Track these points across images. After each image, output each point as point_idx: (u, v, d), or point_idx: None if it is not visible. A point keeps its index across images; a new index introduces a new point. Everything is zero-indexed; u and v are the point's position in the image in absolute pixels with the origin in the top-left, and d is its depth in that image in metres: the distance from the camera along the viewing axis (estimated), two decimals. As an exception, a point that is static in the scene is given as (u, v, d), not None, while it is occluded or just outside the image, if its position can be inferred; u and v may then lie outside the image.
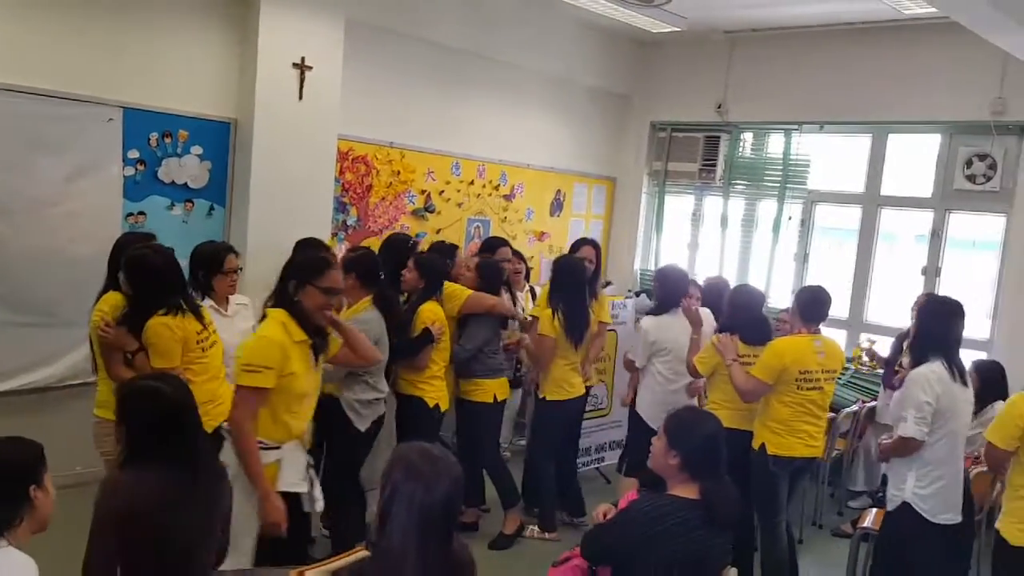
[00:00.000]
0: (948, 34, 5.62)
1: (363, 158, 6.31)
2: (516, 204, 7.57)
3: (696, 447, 2.75)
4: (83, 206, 4.91)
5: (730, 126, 7.93)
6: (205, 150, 5.38)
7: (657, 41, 7.92)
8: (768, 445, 4.39)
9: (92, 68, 4.90)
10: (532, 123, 7.60)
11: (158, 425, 2.58)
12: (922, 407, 3.79)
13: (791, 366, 4.31)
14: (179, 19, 5.21)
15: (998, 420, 3.68)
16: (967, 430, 4.03)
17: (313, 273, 3.37)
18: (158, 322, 3.65)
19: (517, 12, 6.92)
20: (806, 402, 4.37)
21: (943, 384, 3.83)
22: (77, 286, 4.78)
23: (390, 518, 2.06)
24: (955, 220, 6.91)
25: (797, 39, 7.27)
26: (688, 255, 8.49)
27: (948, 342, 3.92)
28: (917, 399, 3.81)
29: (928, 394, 3.79)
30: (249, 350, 3.25)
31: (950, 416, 3.85)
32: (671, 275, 5.21)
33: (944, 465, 3.88)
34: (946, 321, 3.96)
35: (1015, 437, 3.57)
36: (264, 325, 3.35)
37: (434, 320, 4.64)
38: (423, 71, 6.62)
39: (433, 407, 4.71)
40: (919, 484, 3.89)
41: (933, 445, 3.86)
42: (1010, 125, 6.37)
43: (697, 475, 2.74)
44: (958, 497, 3.95)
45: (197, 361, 3.78)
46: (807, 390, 4.36)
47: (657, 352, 5.02)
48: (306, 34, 5.53)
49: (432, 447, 2.20)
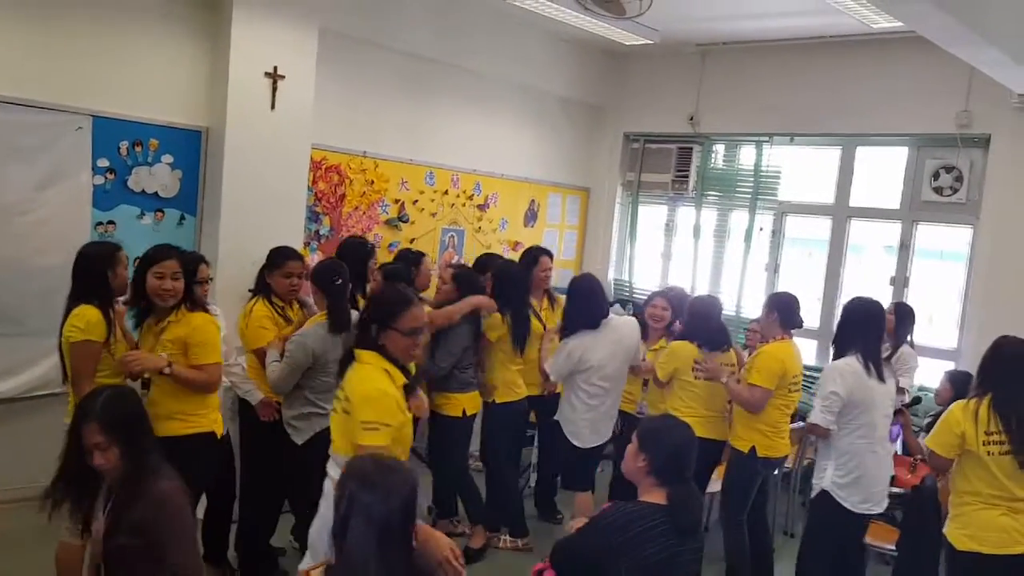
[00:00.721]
0: (915, 48, 5.70)
1: (336, 167, 6.30)
2: (490, 214, 7.58)
3: (664, 452, 2.78)
4: (52, 215, 4.86)
5: (702, 137, 8.00)
6: (176, 159, 5.34)
7: (630, 53, 7.98)
8: (759, 448, 4.53)
9: (61, 76, 4.85)
10: (506, 133, 7.62)
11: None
12: (828, 397, 4.07)
13: (788, 371, 4.50)
14: (150, 27, 5.18)
15: (937, 428, 3.79)
16: (887, 423, 4.23)
17: (391, 317, 3.18)
18: (205, 319, 3.78)
19: (491, 23, 6.94)
20: (791, 403, 4.60)
21: (856, 378, 4.07)
22: (45, 295, 4.72)
23: (349, 530, 2.07)
24: (922, 231, 7.00)
25: (768, 52, 7.35)
26: (661, 265, 8.54)
27: (866, 339, 4.15)
28: (825, 390, 4.10)
29: (836, 386, 4.07)
30: (370, 406, 3.01)
31: (864, 409, 4.10)
32: (583, 291, 4.93)
33: (860, 456, 4.12)
34: (865, 319, 4.19)
35: (954, 445, 3.68)
36: (369, 375, 3.11)
37: None
38: (397, 81, 6.62)
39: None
40: (837, 473, 4.13)
41: (848, 436, 4.12)
42: (976, 138, 6.47)
43: (664, 480, 2.76)
44: (878, 489, 4.18)
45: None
46: (793, 392, 4.59)
47: (580, 369, 4.81)
48: (278, 43, 5.50)
49: (386, 457, 2.24)
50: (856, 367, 4.10)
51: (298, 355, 4.13)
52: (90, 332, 3.70)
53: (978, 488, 3.65)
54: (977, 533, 3.64)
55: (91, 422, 2.68)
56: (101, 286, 3.81)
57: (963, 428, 3.65)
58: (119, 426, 2.70)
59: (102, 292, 3.81)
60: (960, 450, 3.67)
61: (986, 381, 3.73)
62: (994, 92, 6.00)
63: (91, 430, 2.68)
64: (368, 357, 3.16)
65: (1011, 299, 6.18)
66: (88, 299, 3.76)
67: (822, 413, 4.10)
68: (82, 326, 3.70)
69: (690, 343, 4.79)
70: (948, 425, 3.71)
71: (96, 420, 2.68)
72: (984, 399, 3.67)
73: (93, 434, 2.67)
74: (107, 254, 3.89)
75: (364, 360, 3.15)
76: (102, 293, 3.81)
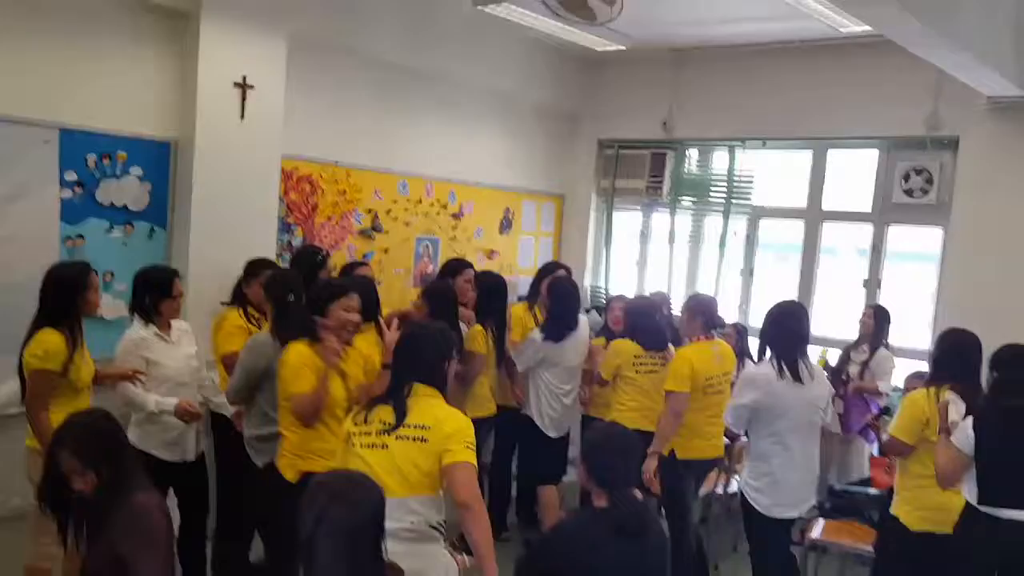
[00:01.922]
0: (883, 52, 5.74)
1: (308, 177, 6.25)
2: (465, 222, 7.56)
3: (602, 460, 2.89)
4: (18, 230, 4.76)
5: (676, 143, 8.02)
6: (145, 171, 5.27)
7: (603, 59, 7.99)
8: (677, 450, 4.69)
9: (26, 89, 4.77)
10: (480, 141, 7.61)
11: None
12: (737, 408, 4.25)
13: (698, 373, 4.61)
14: (116, 38, 5.11)
15: (902, 416, 3.96)
16: (808, 426, 4.27)
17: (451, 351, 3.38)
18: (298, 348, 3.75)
19: (462, 30, 6.93)
20: (711, 406, 4.67)
21: (768, 386, 4.15)
22: (12, 313, 4.61)
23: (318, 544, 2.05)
24: (894, 233, 7.05)
25: (739, 57, 7.39)
26: (637, 271, 8.55)
27: (788, 341, 4.23)
28: (734, 401, 4.30)
29: (744, 398, 4.22)
30: (468, 428, 3.06)
31: (775, 416, 4.18)
32: (567, 293, 5.42)
33: (771, 461, 4.20)
34: (783, 322, 4.28)
35: (917, 432, 3.86)
36: (449, 408, 3.17)
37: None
38: (368, 89, 6.59)
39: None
40: (750, 476, 4.30)
41: (759, 442, 4.25)
42: (945, 140, 6.53)
43: (603, 485, 2.85)
44: (795, 494, 4.25)
45: None
46: (711, 395, 4.67)
47: (545, 364, 5.30)
48: (247, 53, 5.46)
49: (351, 471, 2.25)
50: (768, 373, 4.19)
51: (247, 359, 4.04)
52: (47, 360, 3.67)
53: (933, 471, 3.76)
54: (931, 515, 3.84)
55: (64, 449, 2.69)
56: (68, 309, 3.76)
57: (926, 416, 3.82)
58: (94, 451, 2.69)
59: (69, 316, 3.76)
60: (921, 436, 3.85)
61: (942, 371, 3.94)
62: (962, 94, 6.06)
63: (65, 457, 2.68)
64: (431, 391, 3.14)
65: (982, 300, 6.23)
66: (54, 322, 3.71)
67: (731, 418, 4.34)
68: (40, 353, 3.67)
69: (631, 341, 5.07)
70: (913, 413, 3.88)
71: (69, 447, 2.69)
72: (943, 387, 3.86)
73: (68, 461, 2.68)
74: (77, 276, 3.84)
75: (428, 393, 3.13)
76: (69, 317, 3.75)
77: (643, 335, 5.06)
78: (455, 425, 3.02)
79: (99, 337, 4.40)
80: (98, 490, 2.69)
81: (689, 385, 4.60)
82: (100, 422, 2.83)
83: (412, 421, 3.01)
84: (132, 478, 2.73)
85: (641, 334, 5.07)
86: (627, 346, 5.14)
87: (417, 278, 7.09)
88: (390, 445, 2.98)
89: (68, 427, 2.78)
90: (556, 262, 6.40)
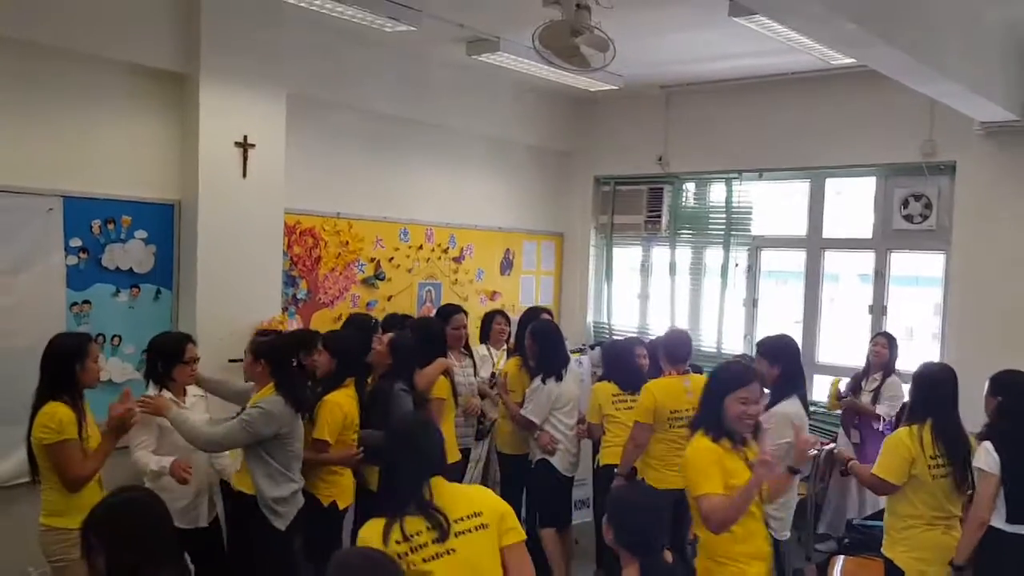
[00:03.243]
0: (876, 81, 5.77)
1: (310, 230, 6.28)
2: (466, 265, 7.58)
3: (628, 526, 2.81)
4: (25, 298, 4.78)
5: (672, 177, 8.07)
6: (149, 234, 5.30)
7: (596, 98, 8.06)
8: (647, 480, 4.80)
9: (28, 159, 4.82)
10: (477, 185, 7.66)
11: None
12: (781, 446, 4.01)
13: (661, 406, 4.77)
14: (117, 103, 5.17)
15: (887, 456, 3.92)
16: None
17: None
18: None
19: (453, 78, 6.99)
20: (678, 438, 4.59)
21: (802, 420, 4.13)
22: (19, 381, 4.58)
23: None
24: (896, 258, 7.07)
25: (731, 91, 7.45)
26: (639, 305, 8.56)
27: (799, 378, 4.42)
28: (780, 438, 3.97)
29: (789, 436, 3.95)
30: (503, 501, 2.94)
31: None
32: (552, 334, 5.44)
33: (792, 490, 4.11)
34: (788, 356, 4.41)
35: (905, 471, 3.84)
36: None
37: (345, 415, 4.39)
38: (366, 141, 6.65)
39: (329, 506, 4.42)
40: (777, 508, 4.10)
41: None
42: (941, 165, 6.57)
43: (633, 552, 2.77)
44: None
45: None
46: (678, 427, 4.70)
47: (556, 406, 5.29)
48: (247, 112, 5.51)
49: (372, 551, 2.21)
50: (799, 411, 4.23)
51: (260, 425, 3.94)
52: (63, 431, 3.66)
53: (922, 511, 3.85)
54: (924, 555, 3.84)
55: (88, 530, 2.61)
56: (69, 381, 3.75)
57: (913, 454, 3.83)
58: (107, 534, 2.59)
59: (70, 387, 3.75)
60: (908, 475, 3.84)
61: (921, 408, 3.94)
62: (956, 120, 6.10)
63: (90, 538, 2.60)
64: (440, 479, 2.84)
65: (987, 323, 6.26)
66: (56, 395, 3.70)
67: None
68: (54, 426, 3.65)
69: (609, 382, 5.25)
70: (898, 452, 3.87)
71: (92, 528, 2.60)
72: (925, 425, 3.86)
73: (92, 541, 2.59)
74: (77, 347, 3.83)
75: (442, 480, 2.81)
76: (70, 388, 3.75)
77: (620, 376, 5.24)
78: (500, 502, 2.84)
79: (108, 401, 4.38)
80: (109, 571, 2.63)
81: (650, 417, 4.79)
82: (124, 503, 2.78)
83: (460, 514, 2.70)
84: (153, 561, 2.65)
85: (618, 375, 5.26)
86: (606, 387, 5.31)
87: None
88: (456, 547, 2.65)
89: (99, 506, 2.73)
90: (537, 307, 6.49)
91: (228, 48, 5.34)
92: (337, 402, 4.38)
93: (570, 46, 4.70)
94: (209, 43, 5.27)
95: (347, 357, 4.52)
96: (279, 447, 4.03)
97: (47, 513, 3.75)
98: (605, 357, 5.58)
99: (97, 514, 2.71)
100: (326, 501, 4.40)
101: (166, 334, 4.55)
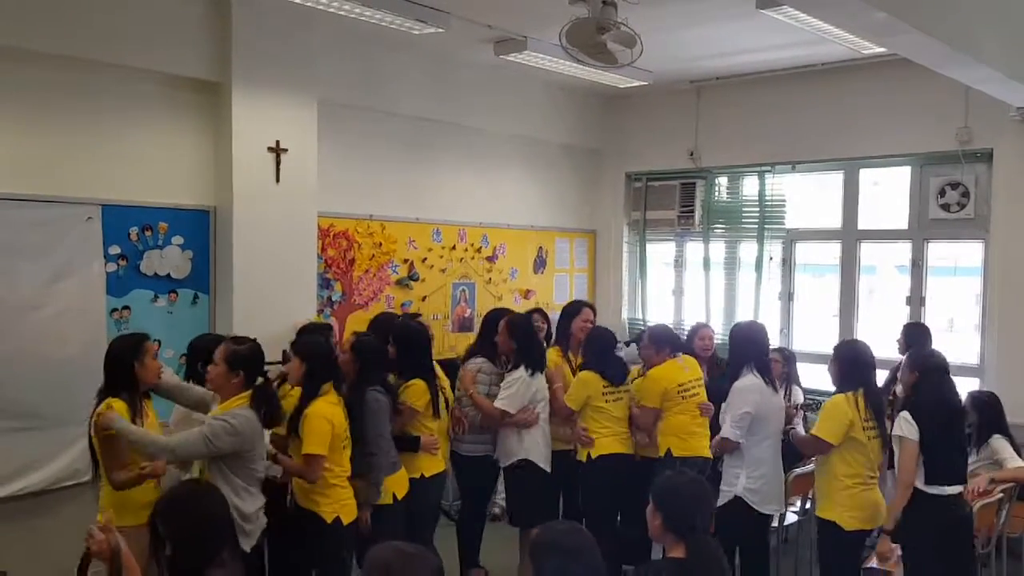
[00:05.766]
0: (909, 69, 5.70)
1: (344, 233, 6.35)
2: (499, 265, 7.61)
3: (676, 507, 2.86)
4: (66, 306, 4.89)
5: (704, 172, 8.02)
6: (186, 240, 5.40)
7: (626, 95, 8.04)
8: (673, 449, 5.02)
9: (67, 169, 4.93)
10: (508, 184, 7.68)
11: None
12: (741, 417, 4.60)
13: (669, 385, 5.04)
14: (151, 112, 5.26)
15: (827, 418, 4.31)
16: (780, 431, 4.78)
17: None
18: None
19: (483, 79, 7.02)
20: (692, 408, 5.05)
21: (761, 393, 4.66)
22: (63, 386, 4.77)
23: None
24: (934, 248, 6.97)
25: (762, 84, 7.39)
26: (674, 301, 8.52)
27: (759, 356, 4.79)
28: (737, 410, 4.61)
29: (748, 405, 4.60)
30: None
31: (767, 421, 4.66)
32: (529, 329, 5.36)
33: (766, 464, 4.66)
34: (752, 339, 4.86)
35: (842, 433, 4.24)
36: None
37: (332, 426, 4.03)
38: (398, 143, 6.70)
39: (332, 522, 4.09)
40: (751, 479, 4.61)
41: (758, 446, 4.64)
42: (978, 153, 6.47)
43: (679, 534, 2.82)
44: (780, 491, 4.79)
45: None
46: (690, 397, 5.05)
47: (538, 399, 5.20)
48: (279, 118, 5.59)
49: (406, 545, 2.24)
50: (759, 383, 4.67)
51: (222, 442, 3.66)
52: None
53: (859, 471, 4.26)
54: (861, 513, 4.25)
55: (157, 518, 2.79)
56: (127, 378, 3.86)
57: (851, 417, 4.22)
58: (173, 524, 2.76)
59: (129, 384, 3.85)
60: (845, 437, 4.23)
61: (850, 377, 4.35)
62: (992, 107, 6.01)
63: (159, 526, 2.77)
64: None
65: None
66: (116, 392, 3.81)
67: (733, 429, 4.62)
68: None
69: (594, 373, 5.17)
70: (838, 415, 4.25)
71: (160, 517, 2.77)
72: (858, 392, 4.28)
73: (162, 529, 2.76)
74: (132, 346, 3.94)
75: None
76: (129, 385, 3.85)
77: (607, 369, 5.17)
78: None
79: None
80: (173, 563, 2.72)
81: (659, 400, 5.05)
82: (187, 496, 2.89)
83: None
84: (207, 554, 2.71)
85: (604, 367, 5.17)
86: (594, 378, 5.16)
87: (456, 323, 7.14)
88: None
89: (164, 497, 2.91)
90: (580, 301, 6.17)
91: (259, 55, 5.43)
92: (320, 414, 4.00)
93: (597, 43, 4.71)
94: (240, 51, 5.36)
95: (317, 361, 4.14)
96: (240, 465, 3.80)
97: (104, 508, 3.82)
98: (591, 347, 5.31)
99: (163, 505, 2.82)
100: (329, 517, 4.10)
101: (206, 336, 4.64)
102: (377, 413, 4.35)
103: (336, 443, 4.06)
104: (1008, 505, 4.97)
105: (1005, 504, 4.92)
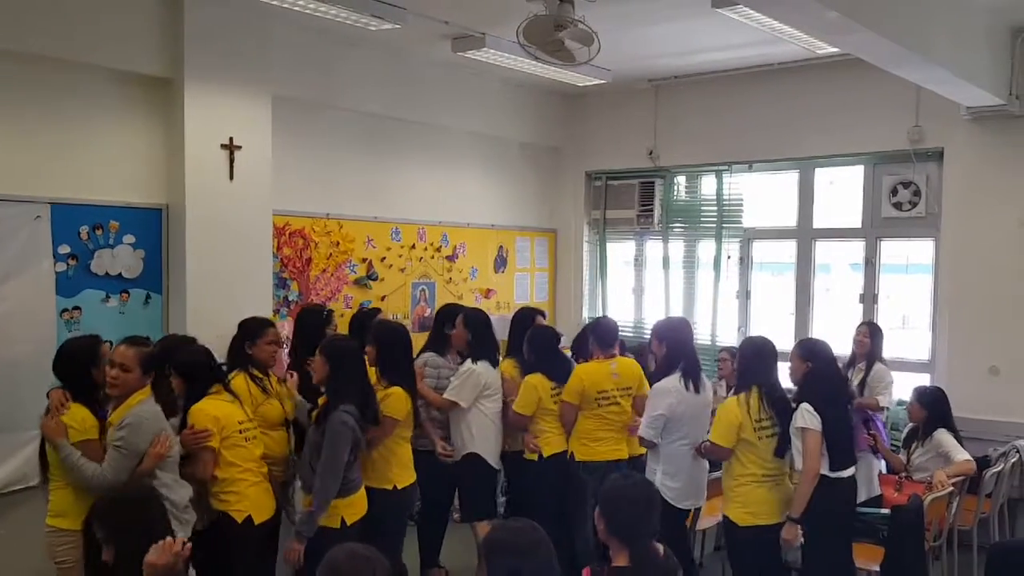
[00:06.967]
0: (862, 69, 5.79)
1: (300, 232, 6.28)
2: (460, 264, 7.59)
3: (620, 511, 2.84)
4: (15, 307, 4.79)
5: (663, 171, 8.07)
6: (138, 239, 5.31)
7: (585, 93, 8.06)
8: (576, 454, 5.10)
9: (15, 167, 4.82)
10: (468, 182, 7.66)
11: None
12: (655, 419, 4.65)
13: (589, 387, 5.02)
14: (101, 109, 5.17)
15: (719, 423, 4.40)
16: (705, 431, 4.71)
17: None
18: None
19: (441, 76, 7.00)
20: (606, 414, 5.05)
21: (678, 395, 4.66)
22: (12, 389, 4.67)
23: None
24: (887, 246, 7.07)
25: (719, 83, 7.45)
26: (634, 300, 8.56)
27: (685, 357, 4.76)
28: (651, 411, 4.67)
29: (662, 408, 4.64)
30: None
31: (683, 423, 4.68)
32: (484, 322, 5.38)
33: (682, 463, 4.70)
34: (679, 341, 4.81)
35: (733, 436, 4.32)
36: None
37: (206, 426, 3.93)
38: (354, 141, 6.65)
39: (244, 521, 4.00)
40: (666, 475, 4.68)
41: (672, 445, 4.69)
42: (929, 152, 6.57)
43: (622, 539, 2.81)
44: (700, 488, 4.87)
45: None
46: (606, 406, 5.05)
47: (486, 395, 5.20)
48: (232, 114, 5.51)
49: (358, 547, 2.23)
50: (677, 386, 4.68)
51: (134, 443, 3.62)
52: (87, 432, 3.68)
53: (752, 470, 4.33)
54: (754, 509, 4.32)
55: (95, 520, 2.85)
56: (85, 383, 3.77)
57: (740, 420, 4.29)
58: (111, 524, 2.78)
59: (86, 389, 3.76)
60: (737, 439, 4.30)
61: (747, 376, 4.42)
62: (943, 106, 6.11)
63: (96, 528, 2.82)
64: None
65: (977, 308, 6.30)
66: (74, 397, 3.72)
67: (648, 428, 4.68)
68: (76, 426, 3.66)
69: (540, 375, 5.18)
70: (727, 419, 4.34)
71: (97, 519, 2.83)
72: (751, 392, 4.34)
73: (97, 532, 2.80)
74: (88, 350, 3.85)
75: None
76: (86, 390, 3.76)
77: (552, 369, 5.20)
78: None
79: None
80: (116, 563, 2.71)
81: (578, 398, 5.03)
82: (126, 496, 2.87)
83: None
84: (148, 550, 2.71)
85: (548, 367, 5.20)
86: (541, 380, 5.17)
87: (416, 323, 7.10)
88: None
89: (100, 500, 2.89)
90: (531, 308, 6.02)
91: (212, 51, 5.35)
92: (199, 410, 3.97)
93: (554, 40, 4.70)
94: (193, 47, 5.28)
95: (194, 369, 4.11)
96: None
97: (53, 514, 3.75)
98: (533, 348, 5.25)
99: (99, 508, 2.80)
100: (240, 517, 4.00)
101: (172, 336, 4.66)
102: (333, 440, 3.97)
103: (235, 440, 4.01)
104: (958, 498, 5.07)
105: (955, 497, 5.02)
